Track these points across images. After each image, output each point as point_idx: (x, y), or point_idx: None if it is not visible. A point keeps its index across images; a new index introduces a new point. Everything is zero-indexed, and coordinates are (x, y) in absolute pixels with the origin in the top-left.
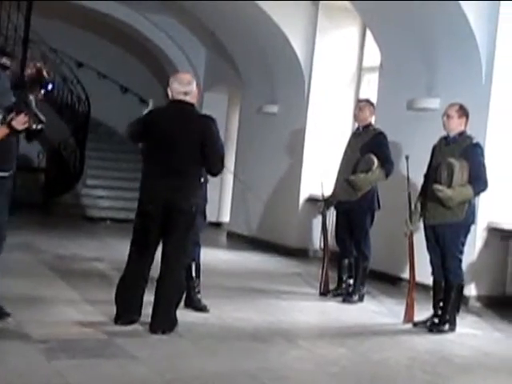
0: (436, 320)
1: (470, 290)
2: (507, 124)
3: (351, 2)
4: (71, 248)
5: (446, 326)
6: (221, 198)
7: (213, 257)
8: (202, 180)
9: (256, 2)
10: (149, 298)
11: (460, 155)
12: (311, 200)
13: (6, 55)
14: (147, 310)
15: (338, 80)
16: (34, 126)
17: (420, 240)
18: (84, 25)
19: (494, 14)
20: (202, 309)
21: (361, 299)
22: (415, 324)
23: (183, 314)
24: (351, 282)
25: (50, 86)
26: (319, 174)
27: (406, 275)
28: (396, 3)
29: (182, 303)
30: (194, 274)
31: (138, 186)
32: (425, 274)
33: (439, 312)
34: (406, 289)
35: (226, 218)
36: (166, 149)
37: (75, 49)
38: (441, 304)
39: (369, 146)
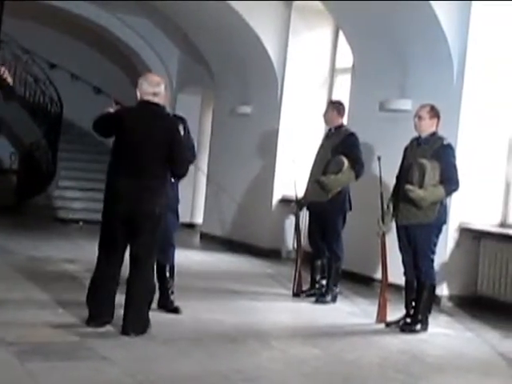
0: (408, 320)
1: (442, 290)
2: (478, 125)
3: (324, 4)
4: (44, 250)
5: (418, 326)
6: (194, 199)
7: (186, 258)
8: (173, 180)
9: (228, 2)
10: (121, 299)
11: (431, 156)
12: (284, 201)
13: None
14: (120, 312)
15: (311, 81)
16: None
17: (392, 240)
18: (56, 26)
19: (465, 14)
20: (174, 310)
21: (334, 300)
22: (388, 324)
23: (156, 316)
24: (324, 282)
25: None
26: (292, 174)
27: (378, 275)
28: (368, 5)
29: (156, 304)
30: (168, 274)
31: None
32: (397, 274)
33: (411, 312)
34: (379, 289)
35: (199, 219)
36: (133, 149)
37: (47, 50)
38: (413, 304)
39: (340, 147)
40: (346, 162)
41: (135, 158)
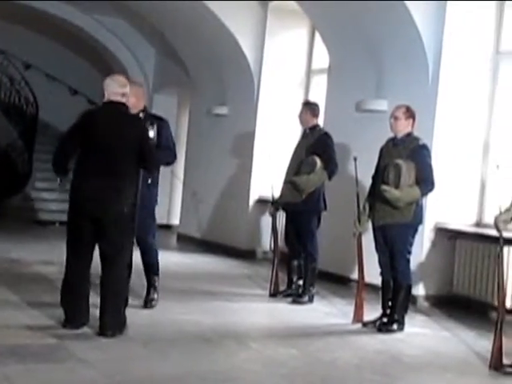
0: (385, 320)
1: (419, 290)
2: (454, 125)
3: (299, 4)
4: (20, 252)
5: (395, 326)
6: (171, 200)
7: (163, 259)
8: (150, 181)
9: (204, 2)
10: (97, 300)
11: (407, 156)
12: (261, 201)
13: None
14: (96, 312)
15: (288, 81)
16: None
17: (369, 240)
18: (32, 26)
19: (440, 14)
20: (146, 303)
21: (310, 300)
22: (364, 324)
23: (133, 317)
24: (301, 283)
25: None
26: (269, 172)
27: (355, 276)
28: (344, 5)
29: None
30: (152, 272)
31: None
32: (374, 274)
33: (388, 312)
34: (356, 289)
35: (175, 220)
36: (102, 149)
37: (23, 50)
38: (390, 304)
39: (313, 147)
40: (318, 162)
41: (104, 158)
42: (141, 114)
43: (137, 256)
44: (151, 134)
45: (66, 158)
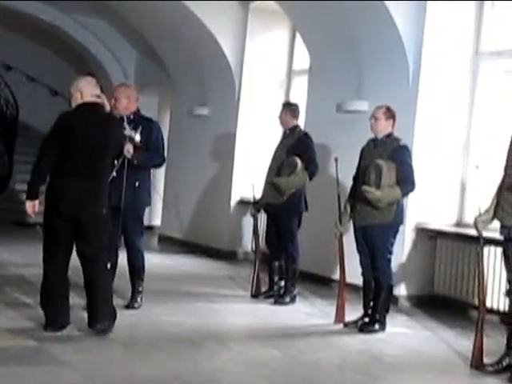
0: (366, 320)
1: (400, 290)
2: (434, 125)
3: (279, 4)
4: (1, 253)
5: (377, 326)
6: (152, 201)
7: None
8: (137, 184)
9: (184, 2)
10: (76, 301)
11: (388, 157)
12: (242, 202)
13: None
14: (77, 314)
15: (269, 82)
16: None
17: (350, 241)
18: (11, 27)
19: (421, 15)
20: (128, 306)
21: (292, 301)
22: (346, 324)
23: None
24: (282, 283)
25: None
26: (250, 176)
27: (336, 276)
28: (324, 5)
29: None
30: (137, 275)
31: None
32: (355, 274)
33: (369, 312)
34: (337, 289)
35: (157, 221)
36: (81, 151)
37: (3, 52)
38: (371, 304)
39: (294, 148)
40: (299, 163)
41: (82, 160)
42: (131, 116)
43: (122, 258)
44: (137, 137)
45: (48, 162)
